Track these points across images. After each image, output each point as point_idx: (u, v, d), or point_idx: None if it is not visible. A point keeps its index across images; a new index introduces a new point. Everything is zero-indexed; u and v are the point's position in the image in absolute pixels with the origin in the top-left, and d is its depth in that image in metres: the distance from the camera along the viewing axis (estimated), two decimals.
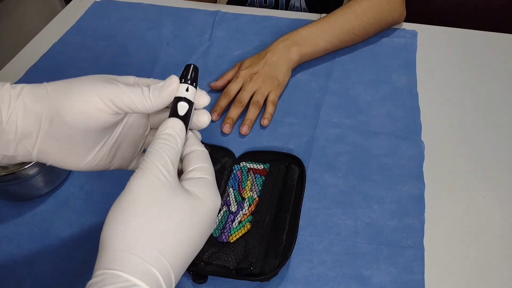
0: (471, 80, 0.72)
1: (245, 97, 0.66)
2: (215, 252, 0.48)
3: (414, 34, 0.80)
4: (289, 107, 0.67)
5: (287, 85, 0.70)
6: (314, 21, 0.75)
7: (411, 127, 0.63)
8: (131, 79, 0.38)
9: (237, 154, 0.60)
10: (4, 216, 0.54)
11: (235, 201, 0.53)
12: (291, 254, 0.48)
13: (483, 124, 0.64)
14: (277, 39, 0.72)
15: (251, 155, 0.59)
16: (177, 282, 0.30)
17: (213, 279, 0.48)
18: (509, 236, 0.51)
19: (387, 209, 0.54)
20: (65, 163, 0.37)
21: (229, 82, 0.70)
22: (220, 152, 0.59)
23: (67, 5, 0.92)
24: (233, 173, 0.57)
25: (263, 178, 0.55)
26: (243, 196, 0.54)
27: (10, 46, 1.41)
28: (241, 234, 0.50)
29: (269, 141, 0.62)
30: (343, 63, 0.75)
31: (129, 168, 0.43)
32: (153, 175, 0.31)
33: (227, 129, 0.63)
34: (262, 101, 0.66)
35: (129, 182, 0.31)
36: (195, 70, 0.38)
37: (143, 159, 0.33)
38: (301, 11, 0.93)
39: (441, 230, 0.52)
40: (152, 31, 0.83)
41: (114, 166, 0.41)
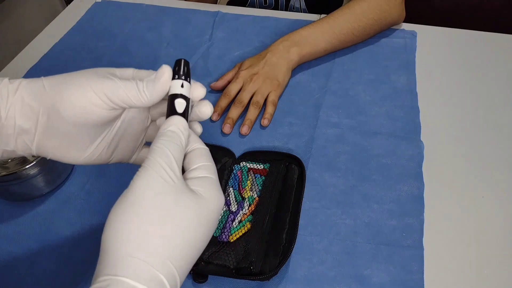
0: (470, 80, 0.72)
1: (245, 97, 0.66)
2: (215, 251, 0.48)
3: (413, 34, 0.80)
4: (289, 107, 0.67)
5: (287, 85, 0.70)
6: (314, 21, 0.75)
7: (411, 127, 0.64)
8: (129, 72, 0.38)
9: (237, 154, 0.60)
10: (4, 216, 0.54)
11: (235, 201, 0.54)
12: (291, 253, 0.48)
13: (483, 124, 0.64)
14: (277, 40, 0.72)
15: (251, 155, 0.59)
16: (181, 285, 0.30)
17: (213, 279, 0.48)
18: (509, 236, 0.52)
19: (387, 208, 0.54)
20: (65, 157, 0.37)
21: (229, 82, 0.70)
22: (220, 152, 0.59)
23: (67, 6, 0.92)
24: (233, 173, 0.57)
25: (263, 178, 0.56)
26: (243, 195, 0.54)
27: (10, 46, 1.41)
28: (241, 233, 0.50)
29: (269, 141, 0.62)
30: (343, 63, 0.75)
31: (130, 161, 0.42)
32: (158, 174, 0.30)
33: (227, 129, 0.63)
34: (262, 101, 0.66)
35: (132, 181, 0.30)
36: (187, 64, 0.37)
37: (147, 157, 0.31)
38: (301, 12, 0.93)
39: (440, 229, 0.52)
40: (152, 32, 0.83)
41: (114, 159, 0.40)
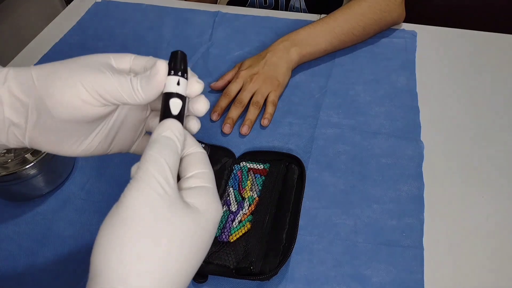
0: (470, 80, 0.72)
1: (245, 97, 0.66)
2: (215, 251, 0.48)
3: (413, 34, 0.80)
4: (289, 107, 0.68)
5: (287, 86, 0.70)
6: (313, 21, 0.75)
7: (411, 127, 0.64)
8: (126, 60, 0.35)
9: (237, 154, 0.60)
10: (4, 216, 0.54)
11: (235, 201, 0.54)
12: (291, 253, 0.48)
13: (483, 124, 0.64)
14: (277, 40, 0.72)
15: (251, 155, 0.59)
16: None
17: (213, 279, 0.48)
18: (509, 236, 0.52)
19: (387, 208, 0.54)
20: (60, 151, 0.35)
21: (229, 82, 0.70)
22: (220, 152, 0.59)
23: (67, 6, 0.92)
24: (233, 173, 0.57)
25: (263, 178, 0.56)
26: (243, 195, 0.54)
27: (11, 46, 1.42)
28: (241, 233, 0.50)
29: (269, 141, 0.62)
30: (343, 63, 0.75)
31: (131, 151, 0.41)
32: (151, 188, 0.28)
33: (227, 129, 0.63)
34: (262, 101, 0.66)
35: (123, 196, 0.28)
36: (183, 57, 0.33)
37: (139, 167, 0.29)
38: (301, 12, 0.93)
39: (440, 229, 0.52)
40: (152, 32, 0.83)
41: (113, 150, 0.38)
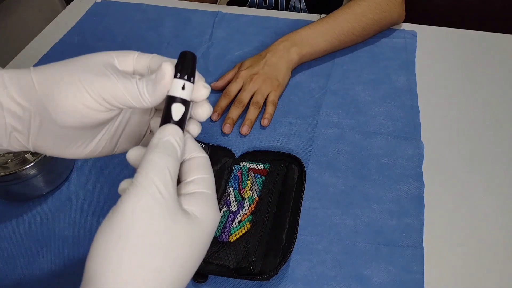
0: (470, 80, 0.72)
1: (245, 97, 0.66)
2: (215, 251, 0.48)
3: (413, 34, 0.80)
4: (289, 107, 0.67)
5: (287, 86, 0.70)
6: (313, 21, 0.75)
7: (411, 127, 0.64)
8: (130, 59, 0.34)
9: (237, 154, 0.60)
10: (4, 216, 0.54)
11: (235, 201, 0.54)
12: (291, 253, 0.48)
13: (483, 124, 0.65)
14: (277, 40, 0.72)
15: (251, 155, 0.59)
16: None
17: (213, 279, 0.48)
18: (509, 236, 0.52)
19: (387, 208, 0.54)
20: (65, 155, 0.35)
21: (229, 82, 0.70)
22: (220, 152, 0.59)
23: (67, 6, 0.92)
24: (233, 173, 0.57)
25: (263, 178, 0.56)
26: (243, 195, 0.54)
27: (10, 46, 1.42)
28: (241, 233, 0.50)
29: (269, 141, 0.62)
30: (343, 63, 0.75)
31: None
32: (150, 195, 0.27)
33: (227, 129, 0.63)
34: (262, 102, 0.66)
35: (121, 201, 0.27)
36: (192, 59, 0.31)
37: (138, 171, 0.28)
38: (301, 12, 0.93)
39: (440, 229, 0.52)
40: (152, 32, 0.83)
41: (118, 151, 0.38)
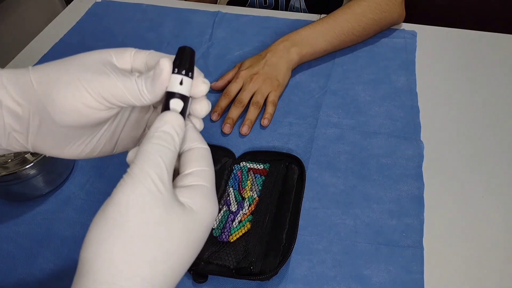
0: (470, 80, 0.72)
1: (245, 97, 0.66)
2: (215, 251, 0.48)
3: (413, 34, 0.80)
4: (289, 107, 0.67)
5: (287, 86, 0.70)
6: (313, 21, 0.75)
7: (411, 127, 0.64)
8: (127, 55, 0.33)
9: (237, 154, 0.60)
10: (4, 216, 0.54)
11: (235, 201, 0.54)
12: (291, 253, 0.48)
13: (483, 124, 0.64)
14: (277, 40, 0.72)
15: (251, 155, 0.59)
16: None
17: (213, 279, 0.48)
18: (509, 236, 0.52)
19: (387, 208, 0.54)
20: (64, 155, 0.35)
21: (229, 82, 0.70)
22: (220, 152, 0.59)
23: (67, 6, 0.92)
24: (233, 173, 0.57)
25: (263, 178, 0.56)
26: (243, 195, 0.54)
27: (10, 46, 1.41)
28: (241, 233, 0.50)
29: (269, 141, 0.62)
30: (343, 63, 0.75)
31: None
32: (145, 187, 0.27)
33: (227, 129, 0.63)
34: (262, 101, 0.66)
35: (115, 193, 0.27)
36: (190, 54, 0.31)
37: (134, 162, 0.28)
38: (301, 12, 0.93)
39: (440, 229, 0.52)
40: (152, 32, 0.83)
41: (118, 150, 0.38)
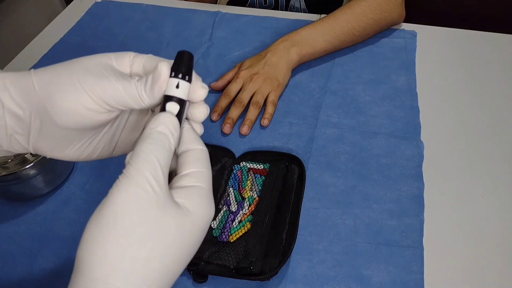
0: (470, 80, 0.72)
1: (245, 97, 0.66)
2: (215, 251, 0.48)
3: (413, 34, 0.80)
4: (289, 107, 0.67)
5: (287, 86, 0.70)
6: (314, 21, 0.75)
7: (411, 127, 0.64)
8: (126, 59, 0.34)
9: (237, 154, 0.60)
10: (4, 216, 0.54)
11: (235, 201, 0.54)
12: (291, 253, 0.48)
13: (483, 124, 0.64)
14: (277, 40, 0.72)
15: (251, 155, 0.59)
16: None
17: (213, 279, 0.48)
18: (509, 236, 0.52)
19: (387, 208, 0.54)
20: (64, 157, 0.35)
21: (229, 82, 0.70)
22: (220, 152, 0.59)
23: (67, 6, 0.92)
24: (233, 173, 0.57)
25: (263, 178, 0.56)
26: (243, 195, 0.54)
27: (10, 46, 1.41)
28: (241, 233, 0.50)
29: (269, 141, 0.62)
30: (343, 63, 0.75)
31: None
32: (140, 187, 0.27)
33: (227, 129, 0.63)
34: (262, 101, 0.66)
35: (110, 193, 0.27)
36: (189, 59, 0.32)
37: (129, 163, 0.28)
38: (301, 12, 0.93)
39: (440, 229, 0.52)
40: (152, 32, 0.83)
41: (117, 153, 0.38)
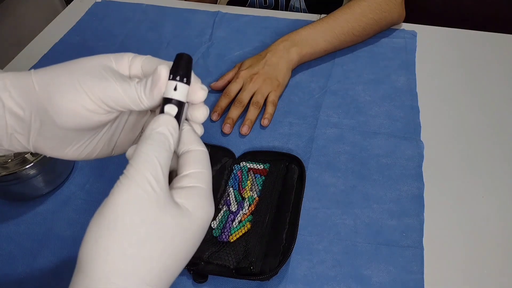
0: (470, 80, 0.72)
1: (245, 97, 0.66)
2: (215, 251, 0.48)
3: (413, 34, 0.80)
4: (289, 107, 0.67)
5: (287, 86, 0.70)
6: (314, 21, 0.75)
7: (411, 127, 0.64)
8: (125, 60, 0.34)
9: (237, 154, 0.60)
10: (4, 216, 0.54)
11: (235, 201, 0.54)
12: (291, 253, 0.48)
13: (483, 124, 0.64)
14: (277, 40, 0.72)
15: (251, 155, 0.59)
16: None
17: (213, 279, 0.48)
18: (509, 236, 0.52)
19: (387, 208, 0.54)
20: (63, 156, 0.35)
21: (229, 82, 0.70)
22: (220, 152, 0.59)
23: (67, 6, 0.92)
24: (233, 173, 0.57)
25: (263, 178, 0.56)
26: (243, 195, 0.54)
27: (10, 46, 1.41)
28: (241, 233, 0.50)
29: (269, 141, 0.62)
30: (343, 63, 0.75)
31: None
32: (140, 187, 0.28)
33: (227, 129, 0.63)
34: (262, 101, 0.66)
35: (111, 193, 0.28)
36: (187, 61, 0.32)
37: (130, 163, 0.29)
38: (301, 12, 0.93)
39: (440, 229, 0.52)
40: (152, 32, 0.83)
41: (116, 152, 0.39)
